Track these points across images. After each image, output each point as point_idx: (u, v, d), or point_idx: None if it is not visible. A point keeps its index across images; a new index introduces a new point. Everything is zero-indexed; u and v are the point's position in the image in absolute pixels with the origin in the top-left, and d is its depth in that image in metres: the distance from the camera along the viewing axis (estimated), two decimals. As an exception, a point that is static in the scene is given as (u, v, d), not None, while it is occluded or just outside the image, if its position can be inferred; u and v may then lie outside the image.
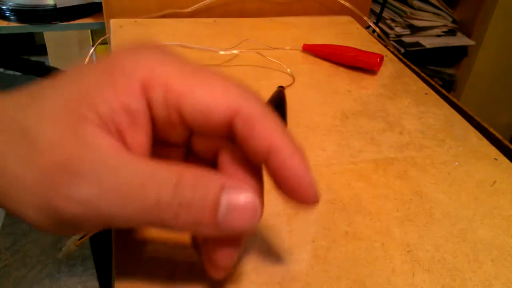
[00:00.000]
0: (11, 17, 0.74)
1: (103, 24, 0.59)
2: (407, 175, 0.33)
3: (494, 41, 1.28)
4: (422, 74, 0.49)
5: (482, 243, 0.28)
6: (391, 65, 0.50)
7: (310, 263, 0.25)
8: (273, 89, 0.41)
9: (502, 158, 0.36)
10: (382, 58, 0.48)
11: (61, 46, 1.28)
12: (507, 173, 0.35)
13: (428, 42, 1.25)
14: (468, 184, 0.33)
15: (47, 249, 1.20)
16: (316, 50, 0.51)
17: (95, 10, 0.80)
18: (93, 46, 0.57)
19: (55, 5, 0.75)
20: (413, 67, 0.51)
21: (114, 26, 0.53)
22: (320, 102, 0.42)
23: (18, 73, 1.79)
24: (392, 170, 0.34)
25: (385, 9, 1.26)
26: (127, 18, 0.56)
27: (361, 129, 0.38)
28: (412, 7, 1.25)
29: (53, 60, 1.30)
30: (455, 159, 0.36)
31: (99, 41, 0.57)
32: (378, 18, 0.98)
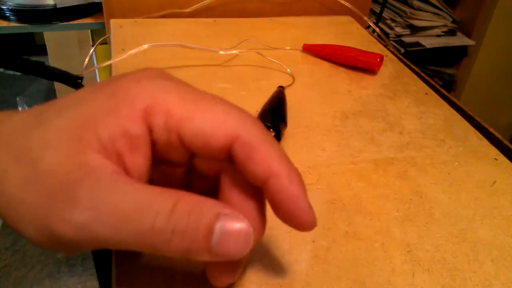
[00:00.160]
0: (11, 17, 0.74)
1: (103, 24, 0.59)
2: (407, 175, 0.33)
3: (494, 41, 1.28)
4: (422, 74, 0.49)
5: (482, 243, 0.28)
6: (391, 65, 0.50)
7: (310, 263, 0.25)
8: (273, 89, 0.41)
9: (502, 158, 0.36)
10: (382, 58, 0.48)
11: (61, 46, 1.28)
12: (507, 173, 0.35)
13: (428, 42, 1.25)
14: (468, 184, 0.33)
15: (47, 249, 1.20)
16: (316, 50, 0.51)
17: (95, 10, 0.80)
18: (93, 46, 0.57)
19: (55, 5, 0.75)
20: (413, 67, 0.51)
21: (114, 26, 0.53)
22: (320, 102, 0.42)
23: (18, 73, 1.79)
24: (392, 170, 0.34)
25: (385, 9, 1.26)
26: (127, 18, 0.56)
27: (361, 129, 0.38)
28: (412, 7, 1.25)
29: (53, 60, 1.29)
30: (455, 159, 0.36)
31: (99, 41, 0.57)
32: (378, 18, 0.98)
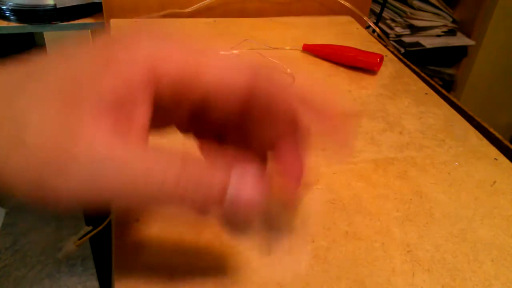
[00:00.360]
0: (11, 17, 0.74)
1: (103, 24, 0.59)
2: (407, 175, 0.33)
3: (494, 41, 1.28)
4: (422, 74, 0.49)
5: (482, 243, 0.28)
6: (391, 65, 0.50)
7: (310, 263, 0.25)
8: (273, 89, 0.41)
9: (502, 158, 0.36)
10: (382, 58, 0.48)
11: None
12: (507, 173, 0.35)
13: (428, 42, 1.25)
14: (468, 184, 0.33)
15: (47, 249, 1.20)
16: (316, 50, 0.51)
17: (95, 10, 0.79)
18: (93, 46, 0.57)
19: (55, 5, 0.75)
20: (413, 67, 0.51)
21: (114, 26, 0.53)
22: (320, 102, 0.42)
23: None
24: (392, 170, 0.34)
25: (385, 9, 1.26)
26: (127, 18, 0.56)
27: (361, 129, 0.38)
28: (412, 7, 1.25)
29: (53, 60, 1.29)
30: (455, 159, 0.36)
31: (99, 41, 0.57)
32: (378, 18, 0.98)
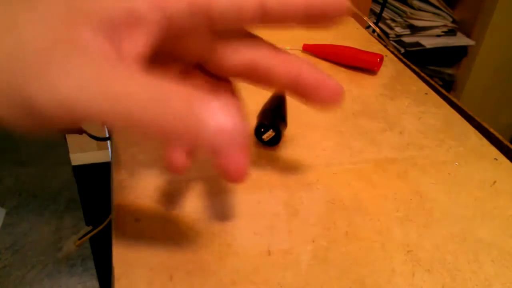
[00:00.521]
0: None
1: None
2: (407, 175, 0.33)
3: (494, 41, 1.28)
4: (422, 74, 0.49)
5: (482, 243, 0.28)
6: (391, 65, 0.50)
7: (310, 263, 0.25)
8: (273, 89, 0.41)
9: (502, 158, 0.36)
10: (382, 58, 0.48)
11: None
12: (507, 173, 0.35)
13: (428, 42, 1.25)
14: (468, 184, 0.33)
15: (47, 249, 1.20)
16: (316, 50, 0.51)
17: None
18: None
19: (55, 5, 0.75)
20: (413, 67, 0.51)
21: None
22: (320, 102, 0.42)
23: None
24: (392, 170, 0.34)
25: (385, 9, 1.26)
26: None
27: (361, 129, 0.38)
28: (412, 7, 1.25)
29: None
30: (455, 159, 0.36)
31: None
32: (378, 18, 0.98)
